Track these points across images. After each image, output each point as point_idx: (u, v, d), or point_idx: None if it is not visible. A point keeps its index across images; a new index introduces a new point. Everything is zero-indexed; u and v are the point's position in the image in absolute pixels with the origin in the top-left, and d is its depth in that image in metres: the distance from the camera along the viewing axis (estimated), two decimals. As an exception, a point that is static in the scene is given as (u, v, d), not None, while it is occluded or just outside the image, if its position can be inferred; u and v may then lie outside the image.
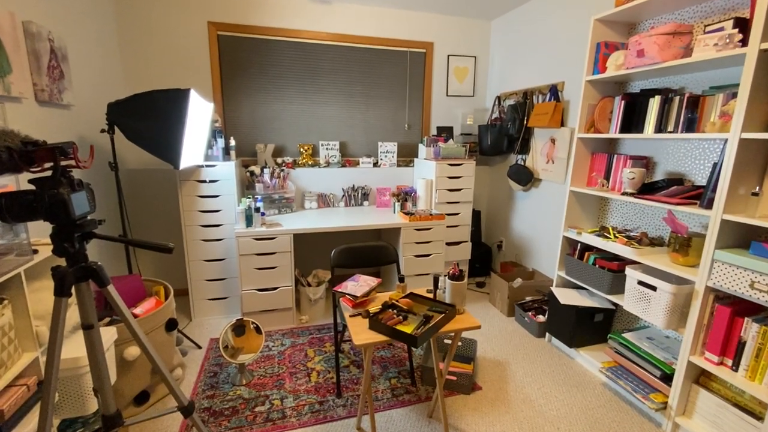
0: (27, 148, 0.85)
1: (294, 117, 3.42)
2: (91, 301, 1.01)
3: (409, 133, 3.77)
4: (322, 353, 2.58)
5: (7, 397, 1.27)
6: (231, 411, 2.04)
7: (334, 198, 3.53)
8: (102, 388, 1.04)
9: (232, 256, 2.92)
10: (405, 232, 3.00)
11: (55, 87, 2.12)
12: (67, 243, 0.92)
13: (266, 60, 3.26)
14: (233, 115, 3.28)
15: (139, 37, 2.97)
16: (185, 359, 2.47)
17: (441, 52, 3.69)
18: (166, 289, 2.31)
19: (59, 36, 2.17)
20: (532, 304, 3.04)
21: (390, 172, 3.65)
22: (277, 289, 2.82)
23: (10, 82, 1.75)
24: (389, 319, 1.54)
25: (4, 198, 0.87)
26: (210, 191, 2.79)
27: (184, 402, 1.12)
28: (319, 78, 3.42)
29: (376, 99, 3.60)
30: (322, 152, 3.50)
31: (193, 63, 3.11)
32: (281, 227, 2.75)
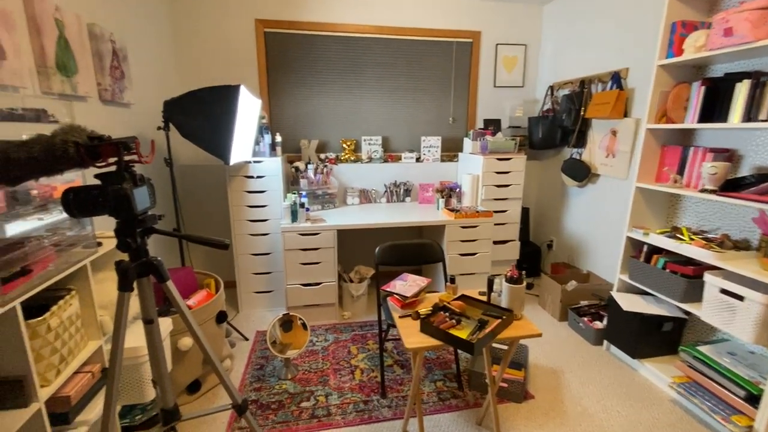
0: (93, 143, 0.85)
1: (337, 112, 3.40)
2: (151, 296, 1.02)
3: (454, 127, 3.64)
4: (365, 351, 2.55)
5: (74, 383, 1.32)
6: (277, 405, 2.06)
7: (375, 194, 3.49)
8: (161, 382, 1.05)
9: (277, 250, 2.96)
10: (449, 230, 2.90)
11: (117, 86, 2.21)
12: (130, 238, 0.92)
13: (310, 55, 3.26)
14: (279, 111, 3.31)
15: (192, 36, 3.06)
16: (233, 351, 2.53)
17: (489, 42, 3.52)
18: (216, 282, 2.36)
19: (120, 37, 2.26)
20: (588, 308, 2.83)
21: (433, 167, 3.54)
22: (321, 284, 2.82)
23: (76, 82, 1.83)
24: (441, 323, 1.46)
25: (72, 192, 0.88)
26: (257, 187, 2.84)
27: (238, 400, 1.12)
28: (362, 72, 3.37)
29: (419, 92, 3.50)
30: (364, 147, 3.46)
31: (242, 60, 3.16)
32: (325, 223, 2.74)
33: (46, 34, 1.63)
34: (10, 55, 1.43)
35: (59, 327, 1.25)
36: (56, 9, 1.69)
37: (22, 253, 1.14)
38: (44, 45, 1.61)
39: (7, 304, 1.02)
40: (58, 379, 1.22)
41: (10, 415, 1.06)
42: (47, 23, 1.64)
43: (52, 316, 1.22)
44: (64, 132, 0.84)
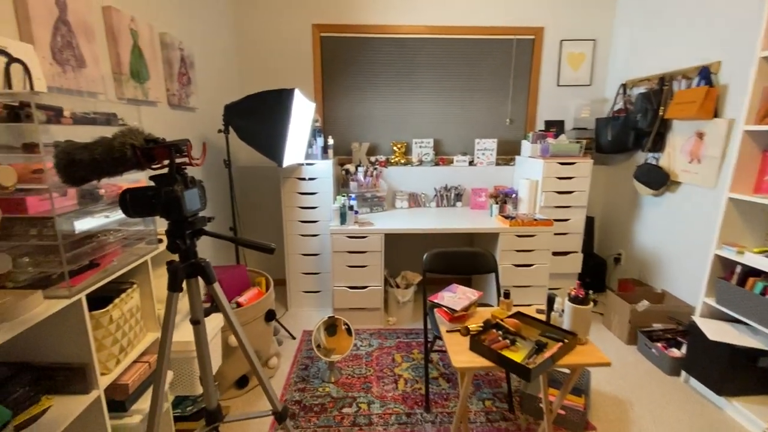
0: (148, 146, 0.87)
1: (388, 114, 3.37)
2: (199, 298, 1.03)
3: (511, 129, 3.44)
4: (409, 360, 2.47)
5: (132, 372, 1.39)
6: (320, 408, 2.05)
7: (425, 198, 3.39)
8: (205, 383, 1.06)
9: (326, 251, 2.98)
10: (504, 239, 2.72)
11: (183, 92, 2.35)
12: (179, 240, 0.93)
13: (364, 58, 3.25)
14: (332, 114, 3.35)
15: (254, 43, 3.19)
16: (280, 349, 2.58)
17: (553, 38, 3.28)
18: (267, 281, 2.42)
19: (188, 45, 2.40)
20: (662, 333, 2.51)
21: (487, 171, 3.37)
22: (367, 288, 2.79)
23: (147, 88, 1.96)
24: (494, 342, 1.34)
25: (129, 193, 0.91)
26: (308, 188, 2.88)
27: (278, 407, 1.09)
28: (415, 73, 3.30)
29: (475, 93, 3.35)
30: (415, 150, 3.38)
31: (299, 65, 3.24)
32: (373, 226, 2.70)
33: (122, 44, 1.76)
34: (90, 63, 1.55)
35: (120, 318, 1.32)
36: (132, 20, 1.82)
37: (89, 248, 1.21)
38: (120, 54, 1.74)
39: (74, 296, 1.08)
40: (117, 368, 1.29)
41: (73, 400, 1.13)
42: (123, 33, 1.76)
43: (114, 308, 1.28)
44: (123, 135, 0.87)
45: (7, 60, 1.02)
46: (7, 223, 1.07)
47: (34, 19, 1.28)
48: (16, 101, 0.97)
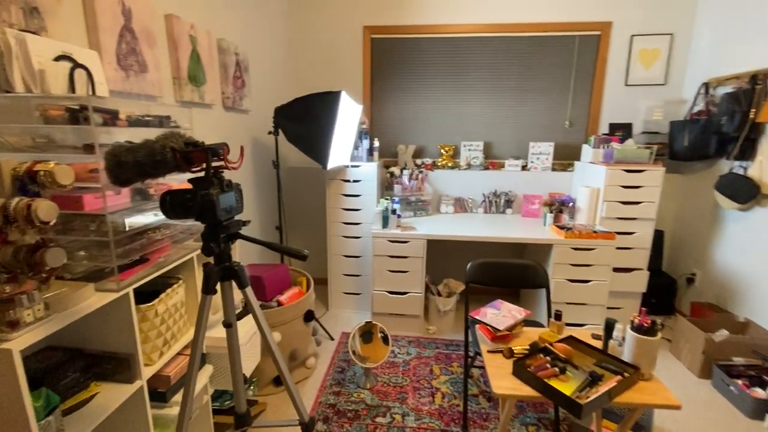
0: (187, 149, 0.88)
1: (436, 116, 3.27)
2: (231, 301, 1.03)
3: (570, 132, 3.19)
4: (448, 373, 2.36)
5: (174, 364, 1.45)
6: (353, 414, 2.01)
7: (472, 203, 3.25)
8: (235, 386, 1.06)
9: (367, 254, 2.96)
10: (558, 251, 2.52)
11: (237, 95, 2.44)
12: (213, 243, 0.93)
13: (413, 59, 3.19)
14: (379, 116, 3.32)
15: (306, 46, 3.25)
16: (318, 349, 2.59)
17: (622, 33, 2.99)
18: (308, 281, 2.44)
19: (243, 50, 2.49)
20: (744, 369, 2.18)
21: (541, 176, 3.16)
22: (407, 294, 2.72)
23: (204, 91, 2.05)
24: (541, 368, 1.22)
25: (168, 195, 0.92)
26: (353, 190, 2.87)
27: (305, 418, 1.07)
28: (466, 74, 3.17)
29: (530, 93, 3.15)
30: (463, 153, 3.25)
31: (349, 67, 3.25)
32: (415, 231, 2.63)
33: (182, 50, 1.85)
34: (151, 68, 1.64)
35: (165, 313, 1.37)
36: (191, 27, 1.91)
37: (139, 244, 1.27)
38: (179, 59, 1.83)
39: (122, 290, 1.13)
40: (160, 360, 1.34)
41: (118, 388, 1.19)
42: (183, 40, 1.85)
43: (160, 303, 1.34)
44: (165, 138, 0.88)
45: (72, 65, 1.09)
46: (67, 219, 1.15)
47: (102, 28, 1.38)
48: (77, 104, 1.03)
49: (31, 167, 0.96)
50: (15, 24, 1.05)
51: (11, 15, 1.04)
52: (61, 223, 1.14)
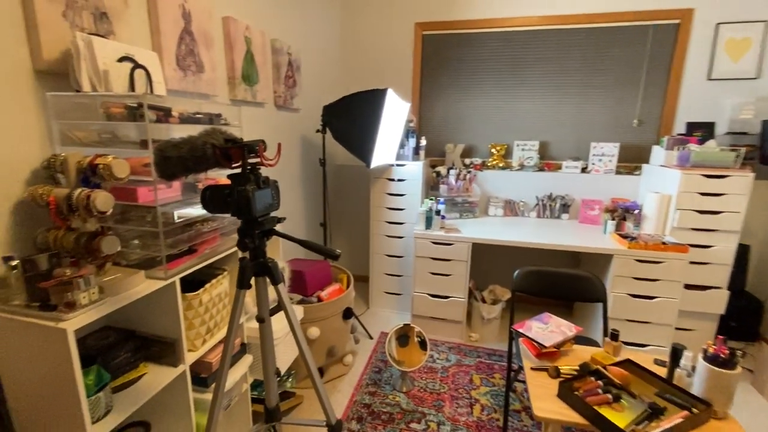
0: (226, 145, 0.89)
1: (488, 114, 3.13)
2: (265, 296, 1.04)
3: (639, 131, 2.89)
4: (489, 384, 2.25)
5: (216, 352, 1.51)
6: (388, 417, 1.98)
7: (524, 206, 3.07)
8: (267, 381, 1.07)
9: (409, 255, 2.91)
10: (619, 262, 2.29)
11: (289, 94, 2.50)
12: (248, 238, 0.94)
13: (466, 55, 3.08)
14: (428, 114, 3.25)
15: (357, 44, 3.27)
16: (357, 347, 2.60)
17: (706, 21, 2.65)
18: (348, 278, 2.45)
19: (296, 50, 2.55)
20: None
21: (603, 180, 2.89)
22: (449, 298, 2.63)
23: (256, 91, 2.13)
24: (591, 393, 1.09)
25: (209, 190, 0.95)
26: (397, 189, 2.84)
27: (332, 421, 1.05)
28: (522, 69, 2.99)
29: (594, 89, 2.90)
30: (516, 153, 3.08)
31: (399, 64, 3.22)
32: (460, 234, 2.53)
33: (237, 50, 1.92)
34: (208, 68, 1.72)
35: (209, 302, 1.43)
36: (246, 28, 1.99)
37: (188, 235, 1.33)
38: (234, 59, 1.91)
39: (169, 279, 1.19)
40: (203, 347, 1.40)
41: (164, 371, 1.26)
42: (238, 41, 1.93)
43: (204, 292, 1.40)
44: (207, 134, 0.90)
45: (132, 66, 1.16)
46: (124, 209, 1.23)
47: (164, 31, 1.46)
48: (135, 102, 1.09)
49: (93, 161, 1.04)
50: (86, 28, 1.15)
51: (83, 20, 1.14)
52: (119, 213, 1.23)
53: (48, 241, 1.03)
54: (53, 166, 1.05)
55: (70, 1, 1.10)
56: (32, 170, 1.09)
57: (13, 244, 1.05)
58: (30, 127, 1.08)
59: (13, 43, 1.01)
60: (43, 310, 0.92)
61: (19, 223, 1.07)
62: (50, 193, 1.01)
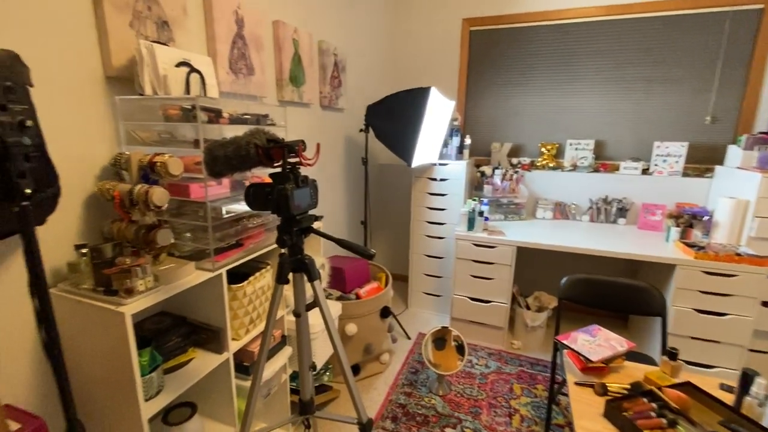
0: (268, 145, 0.93)
1: (539, 112, 2.98)
2: (302, 292, 1.07)
3: (712, 129, 2.61)
4: (531, 395, 2.15)
5: (258, 343, 1.58)
6: (422, 419, 1.97)
7: (576, 209, 2.89)
8: (301, 374, 1.10)
9: (450, 256, 2.86)
10: (683, 274, 2.09)
11: (334, 94, 2.55)
12: (287, 235, 0.97)
13: (515, 50, 2.95)
14: (474, 112, 3.17)
15: (403, 43, 3.27)
16: (394, 346, 2.60)
17: (802, 1, 2.32)
18: (387, 277, 2.46)
19: (342, 50, 2.60)
20: None
21: (668, 182, 2.65)
22: (490, 303, 2.55)
23: (303, 91, 2.19)
24: (642, 416, 1.01)
25: (252, 188, 0.99)
26: (439, 189, 2.80)
27: (364, 419, 1.06)
28: (576, 64, 2.81)
29: (658, 84, 2.66)
30: (568, 153, 2.91)
31: (444, 62, 3.17)
32: (504, 236, 2.44)
33: (285, 53, 1.99)
34: (257, 71, 1.80)
35: (253, 294, 1.50)
36: (294, 30, 2.05)
37: (235, 230, 1.40)
38: (282, 62, 1.98)
39: (216, 270, 1.26)
40: (246, 336, 1.47)
41: (210, 357, 1.34)
42: (287, 43, 2.00)
43: (248, 285, 1.46)
44: (250, 135, 0.94)
45: (188, 70, 1.24)
46: (179, 204, 1.32)
47: (218, 36, 1.55)
48: (189, 104, 1.17)
49: (152, 159, 1.12)
50: (149, 36, 1.25)
51: (147, 29, 1.23)
52: (175, 208, 1.32)
53: (113, 231, 1.14)
54: (119, 163, 1.16)
55: (136, 12, 1.20)
56: (102, 167, 1.20)
57: (84, 233, 1.17)
58: (101, 128, 1.19)
59: (88, 52, 1.12)
60: (106, 295, 1.02)
61: (89, 214, 1.18)
62: (115, 188, 1.11)
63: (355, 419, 1.07)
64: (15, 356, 1.03)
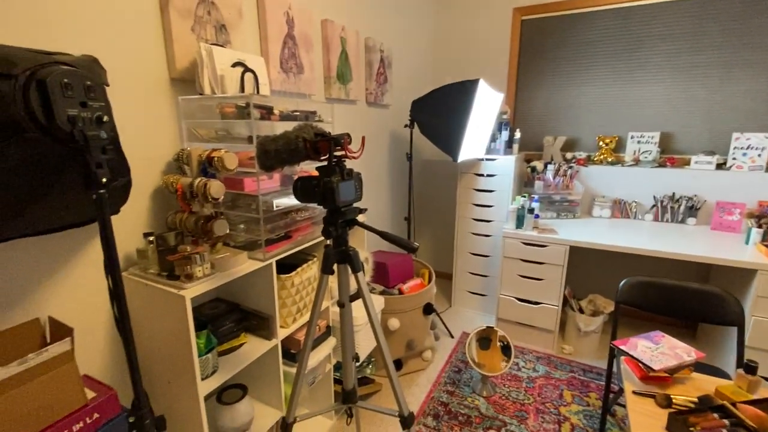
0: (315, 139, 0.95)
1: (596, 103, 2.79)
2: (346, 283, 1.09)
3: (807, 119, 2.29)
4: (582, 403, 2.03)
5: (304, 331, 1.63)
6: (465, 419, 1.93)
7: (637, 207, 2.68)
8: (345, 364, 1.12)
9: (497, 255, 2.77)
10: (765, 280, 1.86)
11: (379, 90, 2.57)
12: (332, 227, 1.00)
13: (571, 38, 2.78)
14: (524, 105, 3.04)
15: (450, 36, 3.20)
16: (436, 344, 2.57)
17: None
18: (430, 274, 2.44)
19: (388, 46, 2.60)
20: None
21: (749, 178, 2.36)
22: (540, 304, 2.44)
23: (349, 89, 2.23)
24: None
25: (300, 181, 1.02)
26: (486, 185, 2.72)
27: (405, 412, 1.06)
28: (640, 50, 2.59)
29: (738, 69, 2.38)
30: (630, 146, 2.70)
31: (493, 54, 3.07)
32: (556, 235, 2.32)
33: (333, 51, 2.04)
34: (307, 69, 1.86)
35: (300, 284, 1.56)
36: (342, 29, 2.09)
37: (284, 222, 1.46)
38: (330, 60, 2.02)
39: (267, 260, 1.33)
40: (293, 325, 1.53)
41: (259, 343, 1.41)
42: (335, 41, 2.04)
43: (296, 275, 1.52)
44: (299, 129, 0.98)
45: (243, 70, 1.31)
46: (234, 197, 1.40)
47: (271, 37, 1.62)
48: (244, 102, 1.23)
49: (210, 154, 1.20)
50: (209, 39, 1.33)
51: (206, 32, 1.32)
52: (230, 200, 1.40)
53: (175, 221, 1.23)
54: (181, 158, 1.25)
55: (197, 17, 1.29)
56: (166, 162, 1.30)
57: (151, 223, 1.28)
58: (167, 126, 1.29)
59: (156, 56, 1.22)
60: (169, 279, 1.11)
61: (155, 205, 1.29)
62: (178, 181, 1.20)
63: (396, 412, 1.07)
64: (93, 331, 1.15)
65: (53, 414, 0.87)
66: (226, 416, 1.35)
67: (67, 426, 0.88)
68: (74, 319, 1.10)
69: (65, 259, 1.07)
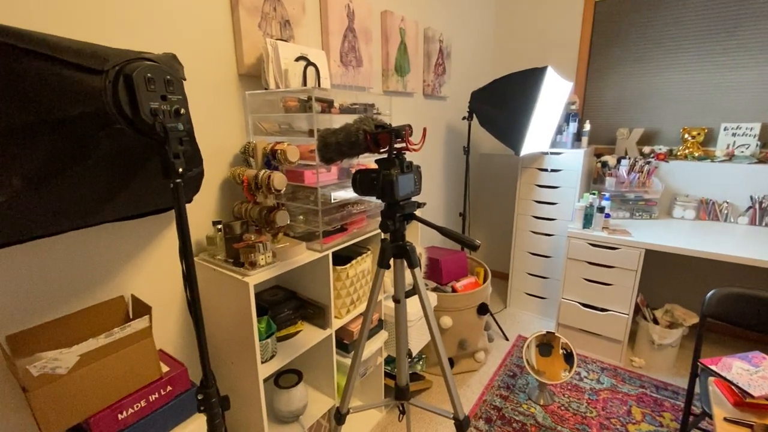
0: (376, 131, 0.94)
1: (681, 91, 2.48)
2: (402, 278, 1.07)
3: None
4: (655, 423, 1.84)
5: (357, 323, 1.65)
6: (520, 426, 1.84)
7: (729, 209, 2.35)
8: (399, 360, 1.11)
9: (559, 256, 2.60)
10: None
11: (437, 82, 2.50)
12: (390, 221, 0.98)
13: (652, 20, 2.49)
14: (595, 94, 2.79)
15: (513, 22, 3.03)
16: (490, 345, 2.48)
17: None
18: (485, 273, 2.35)
19: (448, 37, 2.52)
20: None
21: None
22: (607, 312, 2.24)
23: (407, 81, 2.20)
24: (832, 479, 0.76)
25: (359, 174, 1.02)
26: (549, 181, 2.55)
27: (461, 415, 1.02)
28: (737, 29, 2.25)
29: None
30: (722, 139, 2.37)
31: (561, 41, 2.85)
32: (629, 237, 2.11)
33: (391, 43, 2.01)
34: (365, 62, 1.86)
35: (354, 276, 1.57)
36: (401, 20, 2.06)
37: (340, 215, 1.48)
38: (389, 52, 2.00)
39: (324, 252, 1.35)
40: (347, 316, 1.55)
41: (315, 331, 1.44)
42: (393, 33, 2.01)
43: (351, 267, 1.53)
44: (359, 121, 0.97)
45: (305, 64, 1.33)
46: (295, 189, 1.44)
47: (331, 31, 1.63)
48: (306, 96, 1.25)
49: (273, 147, 1.24)
50: (274, 35, 1.37)
51: (272, 28, 1.36)
52: (291, 192, 1.44)
53: (241, 211, 1.29)
54: (247, 151, 1.30)
55: (264, 14, 1.33)
56: (234, 154, 1.37)
57: (219, 212, 1.36)
58: (235, 120, 1.35)
59: (226, 53, 1.28)
60: (235, 266, 1.16)
61: (223, 195, 1.36)
62: (244, 173, 1.25)
63: (450, 413, 1.04)
64: (168, 310, 1.25)
65: (133, 383, 0.96)
66: (282, 400, 1.40)
67: (144, 396, 0.96)
68: (152, 298, 1.21)
69: (145, 243, 1.17)
